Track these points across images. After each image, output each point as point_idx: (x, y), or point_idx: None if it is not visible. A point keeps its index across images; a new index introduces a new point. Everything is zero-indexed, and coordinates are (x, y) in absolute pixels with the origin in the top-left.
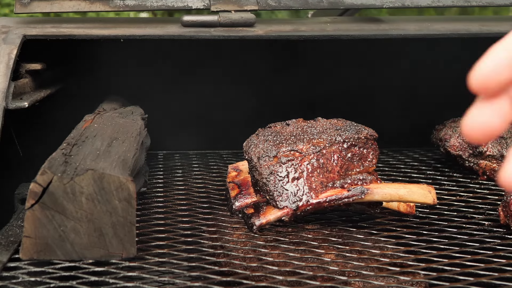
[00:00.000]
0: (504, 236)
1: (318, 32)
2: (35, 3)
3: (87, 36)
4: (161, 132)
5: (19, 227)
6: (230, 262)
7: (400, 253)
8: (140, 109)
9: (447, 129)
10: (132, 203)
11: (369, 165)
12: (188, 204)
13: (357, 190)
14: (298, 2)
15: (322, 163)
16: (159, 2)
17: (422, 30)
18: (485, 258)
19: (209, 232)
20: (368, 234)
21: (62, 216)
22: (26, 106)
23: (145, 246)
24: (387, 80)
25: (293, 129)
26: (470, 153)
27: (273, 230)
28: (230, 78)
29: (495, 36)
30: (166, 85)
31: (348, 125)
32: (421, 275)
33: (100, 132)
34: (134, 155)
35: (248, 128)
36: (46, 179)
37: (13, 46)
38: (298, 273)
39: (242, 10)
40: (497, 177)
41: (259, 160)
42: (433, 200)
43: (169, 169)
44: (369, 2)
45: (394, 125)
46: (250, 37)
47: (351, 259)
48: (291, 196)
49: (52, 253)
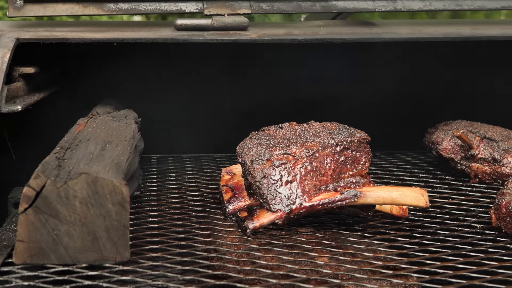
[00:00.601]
0: (496, 238)
1: (311, 36)
2: (29, 7)
3: (81, 40)
4: (155, 135)
5: (12, 231)
6: (223, 265)
7: (393, 256)
8: (133, 113)
9: (439, 132)
10: (126, 206)
11: (362, 168)
12: (181, 207)
13: (350, 193)
14: (291, 5)
15: (315, 166)
16: (153, 5)
17: (415, 33)
18: (478, 260)
19: (202, 235)
20: (361, 237)
21: (55, 220)
22: (19, 109)
23: (139, 249)
24: (379, 83)
25: (286, 132)
26: (462, 156)
27: (267, 233)
28: (223, 82)
29: (486, 40)
30: (160, 88)
31: (341, 128)
32: (414, 277)
33: (93, 135)
34: (127, 159)
35: (241, 132)
36: (40, 183)
37: (6, 49)
38: (292, 277)
39: (235, 14)
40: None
41: (253, 163)
42: (425, 203)
43: (162, 172)
44: (362, 6)
45: (386, 128)
46: (244, 41)
47: (344, 262)
48: (284, 200)
49: (45, 257)
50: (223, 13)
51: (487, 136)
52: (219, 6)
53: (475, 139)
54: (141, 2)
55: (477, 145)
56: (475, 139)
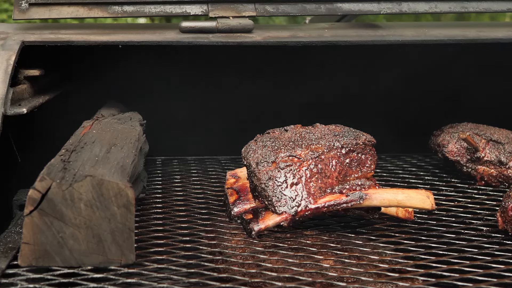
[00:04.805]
0: (503, 241)
1: (316, 38)
2: (34, 9)
3: (86, 42)
4: (160, 137)
5: (18, 233)
6: (228, 268)
7: (398, 259)
8: (138, 115)
9: (445, 134)
10: (131, 209)
11: (368, 171)
12: (186, 210)
13: (355, 195)
14: (296, 8)
15: (320, 169)
16: (158, 8)
17: (420, 36)
18: (484, 264)
19: (207, 238)
20: (366, 239)
21: (60, 222)
22: (25, 112)
23: (144, 252)
24: (385, 85)
25: (292, 135)
26: (468, 159)
27: (272, 235)
28: (229, 84)
29: (492, 42)
30: (165, 91)
31: (346, 131)
32: (420, 281)
33: (98, 138)
34: (132, 161)
35: (246, 134)
36: (45, 186)
37: (11, 52)
38: (297, 279)
39: (240, 16)
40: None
41: (258, 165)
42: (431, 205)
43: (167, 175)
44: (367, 8)
45: (392, 130)
46: (248, 43)
47: (349, 265)
48: (289, 202)
49: (50, 259)
50: (228, 16)
51: (493, 138)
52: (224, 9)
53: (481, 141)
54: (146, 4)
55: (483, 148)
56: (481, 141)
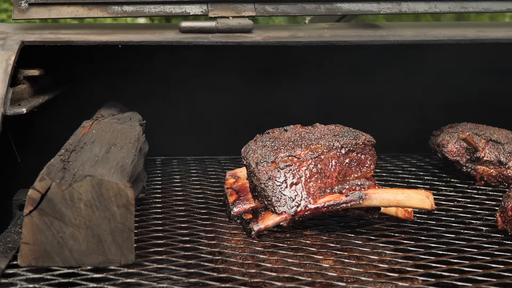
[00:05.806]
0: (502, 241)
1: (316, 38)
2: (33, 9)
3: (85, 42)
4: (159, 137)
5: (17, 233)
6: (228, 268)
7: (398, 259)
8: (138, 115)
9: (444, 134)
10: (131, 209)
11: (367, 171)
12: (186, 210)
13: (355, 195)
14: (295, 8)
15: (320, 169)
16: (157, 8)
17: (419, 36)
18: (484, 264)
19: (207, 238)
20: (366, 239)
21: (60, 222)
22: (24, 112)
23: (144, 252)
24: (384, 86)
25: (291, 135)
26: (467, 159)
27: (272, 235)
28: (228, 84)
29: (492, 42)
30: (164, 91)
31: (346, 131)
32: (420, 281)
33: (98, 138)
34: (132, 161)
35: (246, 134)
36: (45, 186)
37: (11, 52)
38: (297, 279)
39: (239, 16)
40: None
41: (257, 165)
42: (431, 205)
43: (167, 174)
44: (366, 8)
45: (391, 130)
46: (248, 43)
47: (349, 265)
48: (289, 202)
49: (50, 259)
50: (228, 16)
51: (493, 138)
52: (224, 9)
53: (481, 141)
54: (145, 4)
55: (483, 148)
56: (481, 141)
